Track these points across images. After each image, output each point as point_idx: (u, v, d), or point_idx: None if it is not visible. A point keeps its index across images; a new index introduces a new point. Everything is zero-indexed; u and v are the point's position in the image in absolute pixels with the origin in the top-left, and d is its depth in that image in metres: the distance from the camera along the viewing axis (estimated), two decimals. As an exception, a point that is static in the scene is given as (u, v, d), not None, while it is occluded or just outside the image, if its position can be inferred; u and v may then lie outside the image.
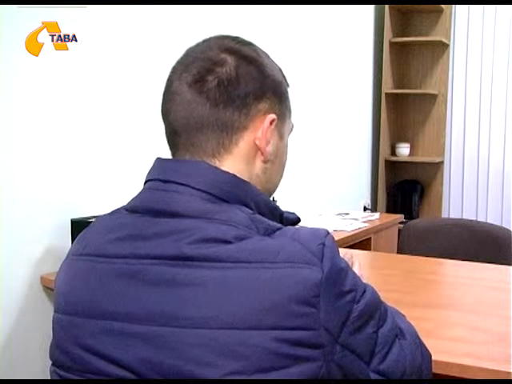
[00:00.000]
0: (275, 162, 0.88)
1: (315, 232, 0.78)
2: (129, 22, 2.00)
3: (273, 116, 0.85)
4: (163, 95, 0.86)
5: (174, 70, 0.86)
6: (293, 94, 0.92)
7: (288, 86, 0.92)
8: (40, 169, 1.73)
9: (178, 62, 0.86)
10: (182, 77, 0.83)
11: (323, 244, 0.76)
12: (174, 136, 0.85)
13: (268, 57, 0.89)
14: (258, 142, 0.84)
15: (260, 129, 0.84)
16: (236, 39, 0.87)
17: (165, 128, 0.87)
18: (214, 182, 0.80)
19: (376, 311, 0.80)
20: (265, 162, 0.86)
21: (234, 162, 0.83)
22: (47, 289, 1.74)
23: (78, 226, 1.66)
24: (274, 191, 0.93)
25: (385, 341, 0.81)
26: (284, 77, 0.91)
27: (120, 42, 1.97)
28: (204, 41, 0.87)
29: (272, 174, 0.89)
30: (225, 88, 0.81)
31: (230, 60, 0.82)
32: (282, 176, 0.93)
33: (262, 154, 0.85)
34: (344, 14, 3.43)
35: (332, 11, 3.27)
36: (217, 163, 0.82)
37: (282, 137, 0.89)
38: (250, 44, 0.87)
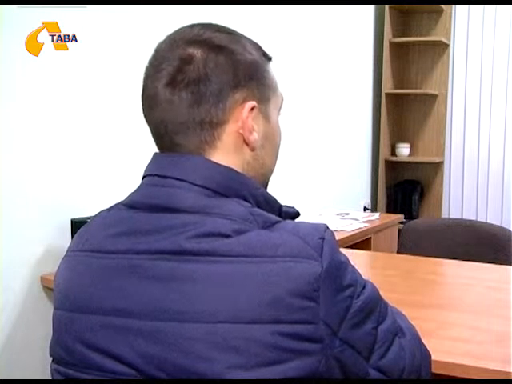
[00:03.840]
0: (266, 146, 0.86)
1: (315, 226, 0.78)
2: (129, 22, 2.00)
3: (252, 103, 0.82)
4: (141, 99, 0.85)
5: (147, 72, 0.84)
6: (293, 94, 0.92)
7: (270, 59, 0.88)
8: (40, 169, 1.73)
9: (149, 63, 0.84)
10: (154, 79, 0.82)
11: (323, 238, 0.76)
12: (158, 139, 0.84)
13: (239, 39, 0.84)
14: (241, 132, 0.82)
15: (240, 119, 0.82)
16: (204, 26, 0.83)
17: (150, 131, 0.86)
18: (212, 176, 0.80)
19: (376, 307, 0.80)
20: (252, 149, 0.84)
21: (221, 156, 0.82)
22: (47, 289, 1.74)
23: (78, 226, 1.65)
24: (270, 175, 0.91)
25: (384, 337, 0.81)
26: (262, 53, 0.87)
27: (120, 41, 1.97)
28: (171, 35, 0.84)
29: (265, 157, 0.87)
30: (196, 87, 0.79)
31: (197, 55, 0.79)
32: (277, 157, 0.91)
33: (247, 143, 0.83)
34: (344, 14, 3.43)
35: (332, 11, 3.27)
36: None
37: (268, 119, 0.86)
38: (218, 29, 0.84)
